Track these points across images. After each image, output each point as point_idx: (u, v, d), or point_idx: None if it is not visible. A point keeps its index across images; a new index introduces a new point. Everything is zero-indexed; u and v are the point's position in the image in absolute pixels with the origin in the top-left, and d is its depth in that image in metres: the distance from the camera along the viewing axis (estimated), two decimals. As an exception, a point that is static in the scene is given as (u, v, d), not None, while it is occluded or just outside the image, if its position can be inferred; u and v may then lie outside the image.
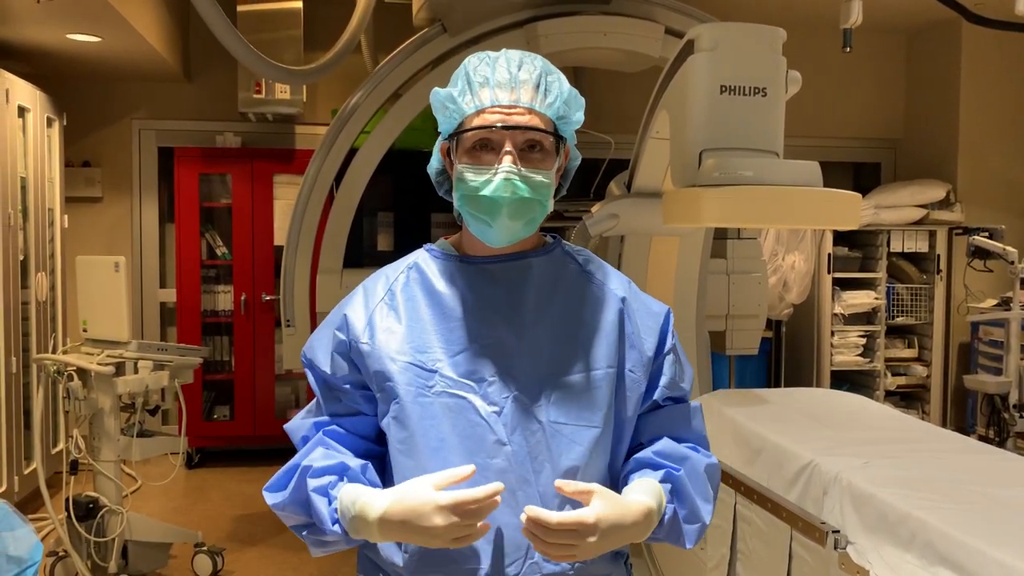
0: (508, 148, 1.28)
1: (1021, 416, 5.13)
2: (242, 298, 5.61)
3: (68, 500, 3.48)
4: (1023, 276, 5.13)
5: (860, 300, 5.87)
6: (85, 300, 3.69)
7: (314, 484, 1.29)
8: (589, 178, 5.20)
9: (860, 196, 2.38)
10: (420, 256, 1.42)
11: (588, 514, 1.20)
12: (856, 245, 6.01)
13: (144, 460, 3.87)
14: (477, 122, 1.30)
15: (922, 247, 5.94)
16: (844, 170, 6.72)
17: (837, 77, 6.29)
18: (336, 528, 1.27)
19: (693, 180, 2.33)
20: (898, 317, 6.00)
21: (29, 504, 4.44)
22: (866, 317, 5.97)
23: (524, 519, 1.19)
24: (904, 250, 5.93)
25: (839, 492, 2.14)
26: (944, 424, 5.88)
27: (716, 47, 2.34)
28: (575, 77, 5.39)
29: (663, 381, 1.40)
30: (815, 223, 2.78)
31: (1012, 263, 5.08)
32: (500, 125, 1.28)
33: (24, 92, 4.51)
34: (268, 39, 5.04)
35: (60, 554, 3.62)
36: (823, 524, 2.10)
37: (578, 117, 1.36)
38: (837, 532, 2.05)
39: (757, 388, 3.42)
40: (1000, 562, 1.66)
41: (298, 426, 1.39)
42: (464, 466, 1.24)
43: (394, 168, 4.81)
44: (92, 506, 3.47)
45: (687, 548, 1.33)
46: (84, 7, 3.94)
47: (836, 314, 5.85)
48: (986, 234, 5.22)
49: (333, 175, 3.81)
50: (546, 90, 1.32)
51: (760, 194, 2.25)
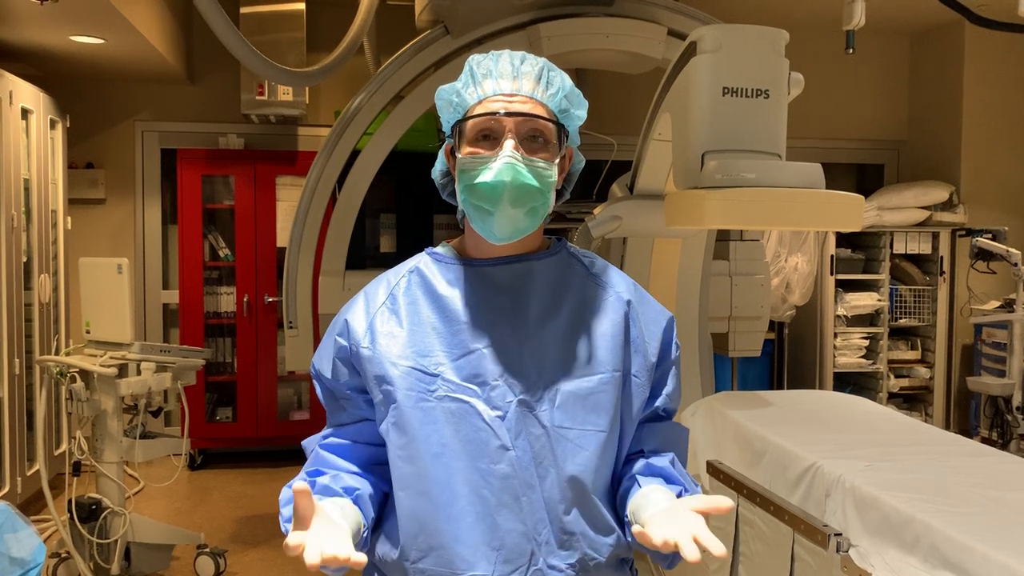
0: (510, 135, 1.28)
1: (1024, 418, 5.12)
2: (245, 300, 5.61)
3: (71, 501, 3.48)
4: (1026, 278, 5.12)
5: (863, 302, 5.86)
6: (88, 302, 3.70)
7: (288, 494, 1.28)
8: (592, 180, 5.21)
9: (863, 198, 2.38)
10: (422, 260, 1.41)
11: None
12: (859, 247, 6.00)
13: (147, 461, 3.87)
14: (479, 110, 1.30)
15: (925, 249, 5.93)
16: (847, 172, 6.71)
17: (840, 79, 6.28)
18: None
19: (695, 182, 2.33)
20: (901, 319, 5.99)
21: (31, 505, 4.44)
22: (869, 319, 5.95)
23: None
24: (907, 252, 5.92)
25: (842, 495, 2.14)
26: (947, 426, 5.87)
27: (719, 49, 2.35)
28: (578, 79, 5.39)
29: (667, 390, 1.39)
30: (818, 225, 2.77)
31: (1016, 265, 5.07)
32: (503, 112, 1.28)
33: (27, 94, 4.52)
34: (271, 41, 5.06)
35: (63, 555, 3.62)
36: (826, 527, 2.10)
37: (580, 113, 1.36)
38: (840, 535, 2.04)
39: (760, 390, 3.42)
40: (1004, 565, 1.65)
41: (308, 442, 1.41)
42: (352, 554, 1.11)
43: (397, 170, 4.82)
44: (95, 507, 3.47)
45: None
46: (87, 9, 3.95)
47: (839, 316, 5.84)
48: (989, 236, 5.22)
49: (336, 177, 3.81)
50: (548, 82, 1.33)
51: (763, 196, 2.25)
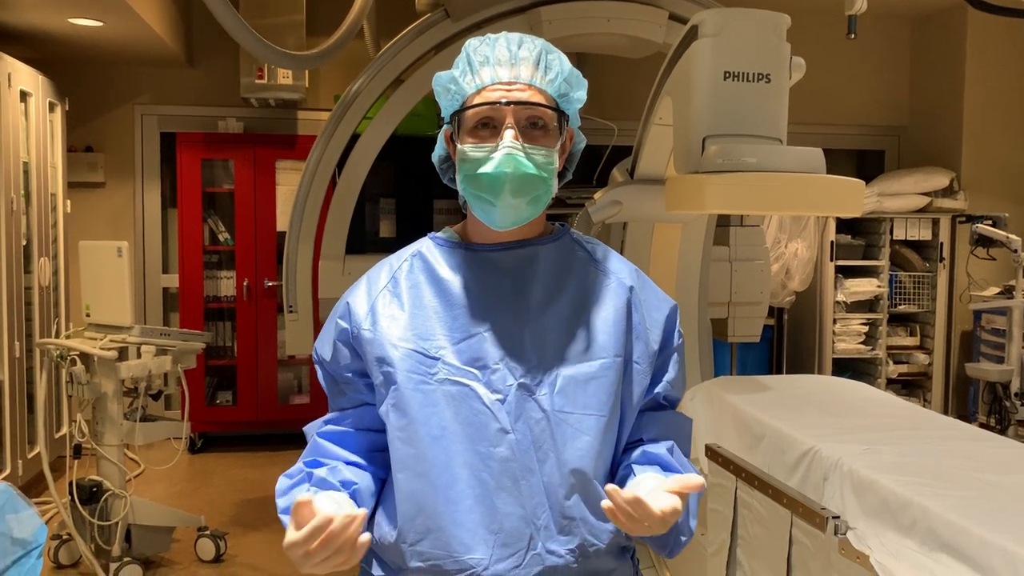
0: (509, 124, 1.27)
1: (1022, 404, 5.14)
2: (244, 284, 5.61)
3: (71, 484, 3.49)
4: (1026, 264, 5.13)
5: (862, 288, 5.86)
6: (88, 285, 3.70)
7: (285, 483, 1.29)
8: (592, 165, 5.19)
9: (864, 183, 2.37)
10: (424, 244, 1.41)
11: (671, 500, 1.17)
12: (859, 233, 6.00)
13: (147, 444, 3.88)
14: (478, 100, 1.29)
15: (925, 235, 5.93)
16: (848, 157, 6.70)
17: (841, 64, 6.26)
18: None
19: (696, 166, 2.32)
20: (900, 305, 5.99)
21: (32, 488, 4.46)
22: (868, 305, 5.96)
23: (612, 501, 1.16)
24: (907, 238, 5.92)
25: (840, 478, 2.15)
26: (945, 412, 5.88)
27: (720, 33, 2.34)
28: (578, 63, 5.34)
29: (668, 377, 1.38)
30: (818, 210, 2.77)
31: (1015, 251, 5.07)
32: (502, 101, 1.27)
33: (26, 77, 4.50)
34: (270, 24, 5.04)
35: (64, 537, 3.64)
36: (823, 510, 2.11)
37: (580, 95, 1.35)
38: (837, 518, 2.05)
39: (759, 375, 3.43)
40: (1002, 548, 1.66)
41: (309, 428, 1.39)
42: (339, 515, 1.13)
43: (396, 154, 4.81)
44: (95, 490, 3.49)
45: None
46: (86, -9, 3.94)
47: (838, 302, 5.85)
48: (989, 222, 5.21)
49: (335, 161, 3.81)
50: (546, 67, 1.31)
51: (763, 181, 2.24)
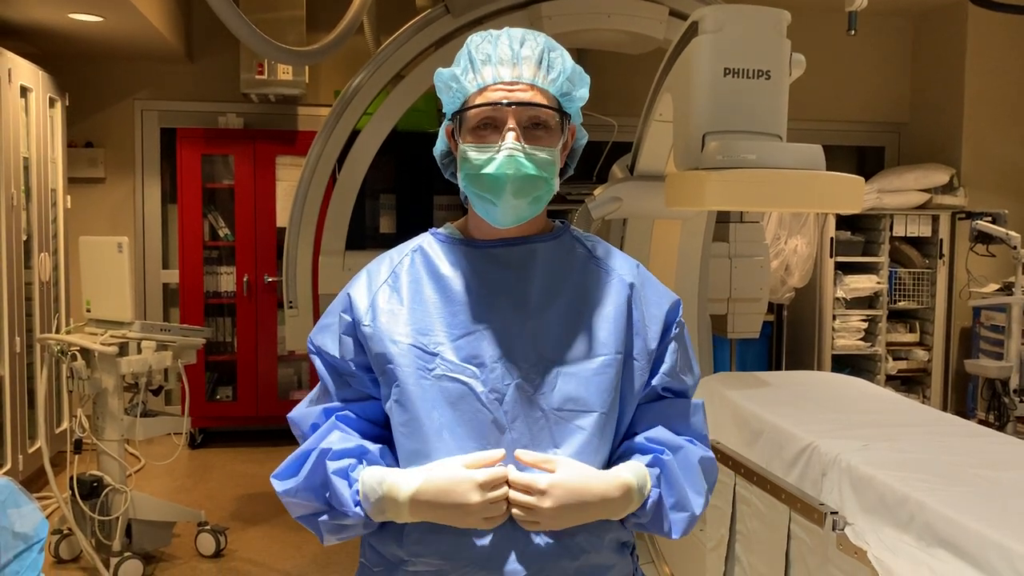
0: (511, 125, 1.27)
1: (1021, 401, 5.14)
2: (244, 279, 5.62)
3: (72, 479, 3.50)
4: (1025, 261, 5.13)
5: (862, 284, 5.87)
6: (88, 280, 3.70)
7: (334, 467, 1.26)
8: (592, 161, 5.19)
9: (863, 180, 2.38)
10: (425, 239, 1.40)
11: (540, 478, 1.22)
12: (859, 229, 6.00)
13: (147, 440, 3.90)
14: (480, 100, 1.29)
15: (925, 232, 5.93)
16: (848, 154, 6.70)
17: (842, 60, 6.25)
18: (358, 510, 1.25)
19: (696, 163, 2.32)
20: (900, 301, 6.00)
21: (33, 483, 4.46)
22: (868, 301, 5.96)
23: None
24: (907, 234, 5.92)
25: (838, 474, 2.15)
26: (944, 408, 5.89)
27: (720, 29, 2.34)
28: (579, 59, 5.34)
29: (663, 368, 1.36)
30: (818, 207, 2.77)
31: (1015, 248, 5.08)
32: (503, 102, 1.27)
33: (26, 72, 4.50)
34: (271, 19, 5.03)
35: (64, 532, 3.64)
36: (822, 505, 2.11)
37: (582, 94, 1.34)
38: (835, 513, 2.06)
39: (758, 371, 3.43)
40: (998, 544, 1.67)
41: (304, 414, 1.35)
42: (495, 450, 1.25)
43: (396, 150, 4.81)
44: (96, 485, 3.49)
45: (673, 538, 1.30)
46: (86, -14, 3.93)
47: (838, 298, 5.85)
48: (989, 219, 5.21)
49: (335, 157, 3.81)
50: (549, 66, 1.31)
51: (763, 177, 2.25)
